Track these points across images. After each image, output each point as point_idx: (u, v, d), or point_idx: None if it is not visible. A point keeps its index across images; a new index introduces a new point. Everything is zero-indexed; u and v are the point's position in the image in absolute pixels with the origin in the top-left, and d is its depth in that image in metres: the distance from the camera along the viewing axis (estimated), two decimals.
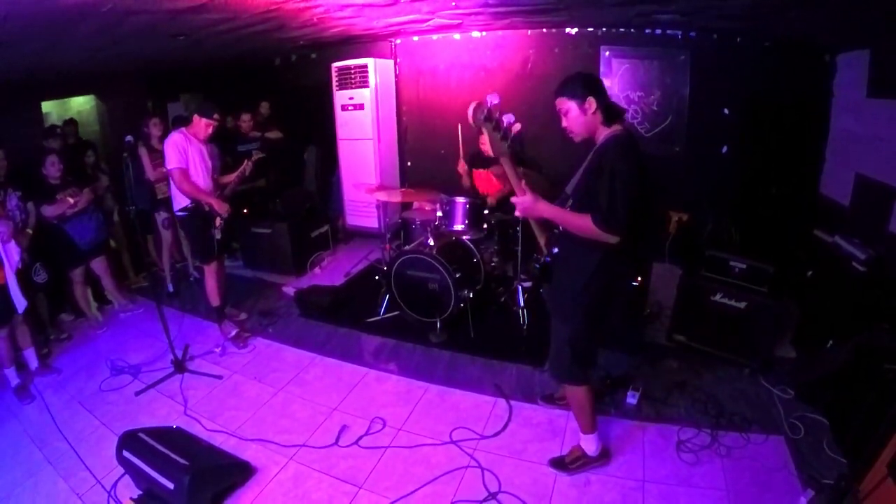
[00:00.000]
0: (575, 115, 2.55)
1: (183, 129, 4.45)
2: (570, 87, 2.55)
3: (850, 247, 4.03)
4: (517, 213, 2.65)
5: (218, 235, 4.60)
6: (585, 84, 2.53)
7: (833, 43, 4.92)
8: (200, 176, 4.47)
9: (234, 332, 4.69)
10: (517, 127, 2.73)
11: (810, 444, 3.21)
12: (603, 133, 2.56)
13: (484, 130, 2.46)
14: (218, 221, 4.55)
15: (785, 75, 5.19)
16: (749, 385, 3.81)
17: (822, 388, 3.47)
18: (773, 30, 4.88)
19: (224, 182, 4.77)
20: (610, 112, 2.56)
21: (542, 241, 2.86)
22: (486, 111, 2.40)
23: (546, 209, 2.57)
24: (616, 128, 2.56)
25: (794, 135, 5.29)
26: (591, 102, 2.50)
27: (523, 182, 2.58)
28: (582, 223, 2.46)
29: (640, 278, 4.24)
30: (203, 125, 4.39)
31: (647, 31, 5.47)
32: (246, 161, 4.67)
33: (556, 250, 2.75)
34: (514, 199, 2.60)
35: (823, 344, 3.76)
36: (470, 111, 2.43)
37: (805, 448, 3.18)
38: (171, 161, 4.25)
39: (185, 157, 4.33)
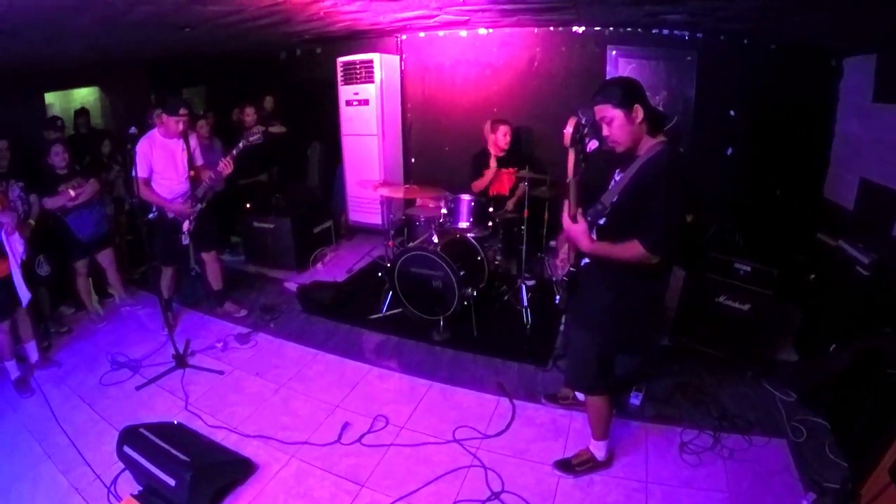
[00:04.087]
0: (620, 124, 2.39)
1: (155, 129, 4.41)
2: (614, 92, 2.40)
3: (854, 251, 4.02)
4: (565, 234, 2.56)
5: (185, 241, 4.55)
6: (630, 90, 2.40)
7: (840, 47, 4.91)
8: (173, 177, 4.44)
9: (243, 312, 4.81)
10: (593, 145, 2.63)
11: (812, 447, 3.21)
12: (647, 144, 2.43)
13: (571, 152, 2.39)
14: (185, 226, 4.50)
15: (791, 78, 5.18)
16: (751, 388, 3.81)
17: (825, 392, 3.47)
18: (780, 33, 4.87)
19: (202, 178, 4.60)
20: (655, 120, 2.44)
21: (564, 248, 2.82)
22: (582, 131, 2.36)
23: (590, 245, 2.48)
24: (660, 139, 2.44)
25: (800, 138, 5.28)
26: (639, 111, 2.36)
27: (580, 210, 2.50)
28: (629, 252, 2.37)
29: None
30: (173, 123, 4.32)
31: (655, 31, 5.45)
32: (223, 160, 4.49)
33: (585, 262, 2.68)
34: (567, 223, 2.51)
35: (825, 348, 3.75)
36: (568, 130, 2.40)
37: (807, 451, 3.18)
38: (135, 169, 4.15)
39: (149, 164, 4.29)
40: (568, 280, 2.73)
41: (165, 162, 4.39)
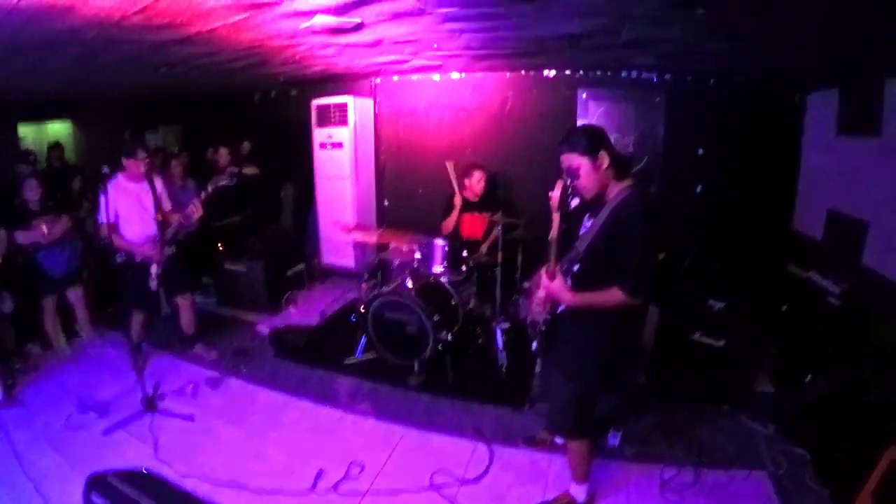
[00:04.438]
0: (587, 172, 2.44)
1: (120, 174, 4.37)
2: (579, 141, 2.45)
3: (824, 281, 4.10)
4: (541, 292, 2.58)
5: (154, 286, 4.44)
6: (594, 138, 2.45)
7: (803, 83, 5.09)
8: (139, 221, 4.39)
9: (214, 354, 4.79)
10: (575, 202, 2.70)
11: (793, 477, 3.22)
12: (615, 189, 2.48)
13: (555, 215, 2.42)
14: (153, 269, 4.39)
15: (757, 115, 5.33)
16: (729, 421, 3.82)
17: (803, 422, 3.52)
18: (746, 72, 5.04)
19: (170, 222, 4.51)
20: (620, 165, 2.49)
21: (539, 294, 2.81)
22: (567, 192, 2.42)
23: (573, 299, 2.50)
24: (627, 183, 2.49)
25: (767, 172, 5.41)
26: (604, 157, 2.42)
27: (557, 267, 2.53)
28: (611, 298, 2.39)
29: None
30: (133, 166, 4.30)
31: (624, 73, 5.59)
32: (192, 204, 4.38)
33: (561, 308, 2.68)
34: (546, 282, 2.53)
35: (801, 378, 3.80)
36: (556, 193, 2.46)
37: (788, 482, 3.19)
38: (100, 214, 4.13)
39: (115, 209, 4.23)
40: (545, 328, 2.73)
41: (131, 206, 4.34)
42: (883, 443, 2.63)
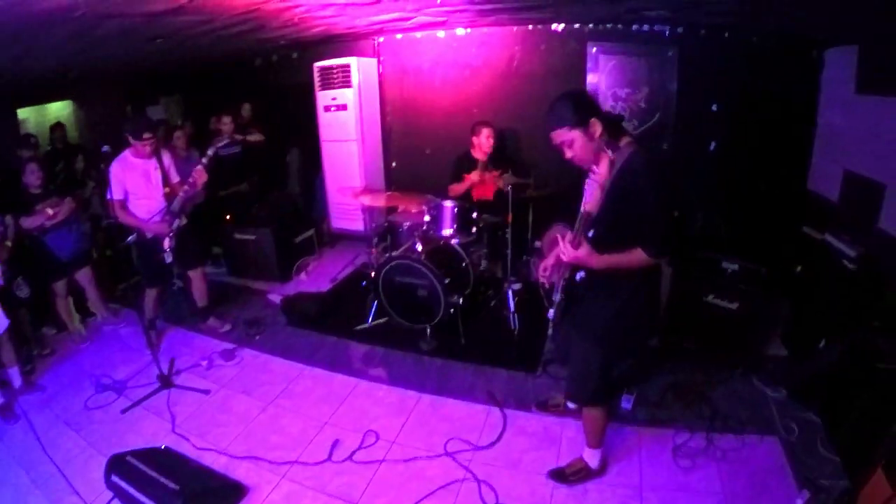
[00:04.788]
0: (582, 144, 2.32)
1: (127, 151, 4.30)
2: (565, 113, 2.32)
3: (840, 244, 4.02)
4: (566, 259, 2.44)
5: (168, 259, 4.42)
6: (580, 105, 2.32)
7: (821, 38, 4.89)
8: (148, 198, 4.36)
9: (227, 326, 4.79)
10: None
11: (804, 443, 3.21)
12: (614, 150, 2.35)
13: (598, 191, 2.32)
14: (166, 244, 4.38)
15: (772, 71, 5.16)
16: (742, 385, 3.81)
17: (815, 388, 3.48)
18: (761, 25, 4.85)
19: (176, 192, 4.47)
20: (612, 126, 2.37)
21: (551, 258, 2.77)
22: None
23: (599, 262, 2.39)
24: (626, 141, 2.39)
25: (782, 130, 5.26)
26: (595, 124, 2.29)
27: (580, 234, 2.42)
28: (635, 259, 2.33)
29: None
30: (139, 147, 4.23)
31: (635, 27, 5.40)
32: (195, 170, 4.35)
33: (580, 275, 2.61)
34: (568, 249, 2.38)
35: (814, 342, 3.77)
36: (604, 169, 2.32)
37: (799, 448, 3.18)
38: (109, 191, 4.12)
39: (123, 186, 4.21)
40: (565, 295, 2.67)
41: (139, 182, 4.30)
42: (894, 413, 2.61)
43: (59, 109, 7.45)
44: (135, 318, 4.96)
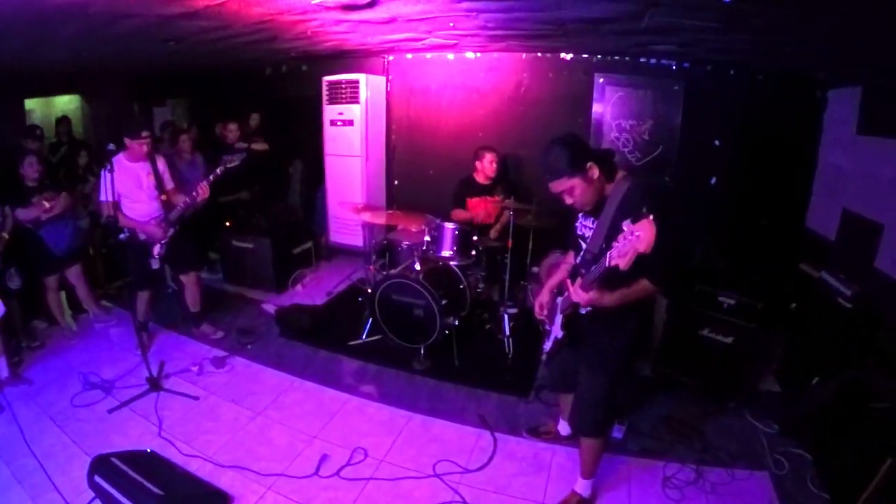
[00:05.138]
0: (582, 190, 2.34)
1: (121, 153, 4.28)
2: (563, 163, 2.32)
3: (836, 282, 4.04)
4: (578, 302, 2.42)
5: (155, 265, 4.44)
6: (575, 151, 2.33)
7: (825, 78, 4.98)
8: (140, 201, 4.35)
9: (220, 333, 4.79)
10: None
11: (794, 479, 3.21)
12: (609, 187, 2.40)
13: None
14: (156, 250, 4.39)
15: (776, 108, 5.24)
16: (734, 419, 3.81)
17: (807, 424, 3.48)
18: (767, 63, 4.93)
19: (174, 202, 4.49)
20: (606, 163, 2.39)
21: (545, 292, 2.83)
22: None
23: (610, 299, 2.36)
24: (621, 175, 2.42)
25: (784, 167, 5.33)
26: (593, 169, 2.31)
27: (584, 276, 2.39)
28: (642, 290, 2.34)
29: None
30: (136, 147, 4.23)
31: (642, 59, 5.50)
32: (199, 185, 4.34)
33: (586, 309, 2.58)
34: (581, 298, 2.37)
35: (807, 378, 3.77)
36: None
37: (789, 484, 3.18)
38: (100, 193, 4.12)
39: (112, 188, 4.12)
40: (566, 333, 2.68)
41: (130, 186, 4.29)
42: (885, 453, 2.62)
43: (66, 103, 7.49)
44: (127, 317, 4.92)
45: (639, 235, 1.91)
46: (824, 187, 5.09)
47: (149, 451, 3.27)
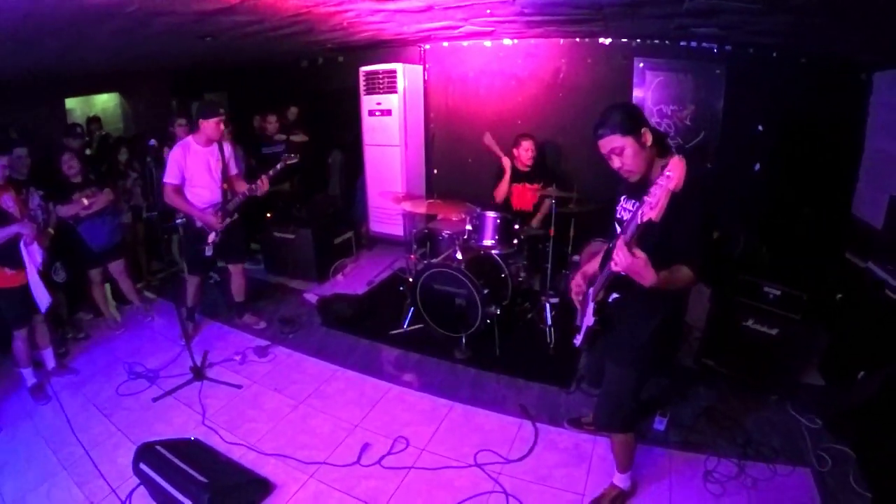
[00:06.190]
0: (634, 152, 2.24)
1: (190, 137, 4.39)
2: (618, 121, 2.23)
3: (883, 273, 3.91)
4: (619, 269, 2.13)
5: (209, 252, 4.52)
6: (633, 114, 2.27)
7: (870, 61, 4.80)
8: (205, 186, 4.43)
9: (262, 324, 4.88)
10: None
11: (837, 477, 3.13)
12: (659, 166, 2.26)
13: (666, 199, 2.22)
14: (211, 237, 4.48)
15: (820, 92, 5.07)
16: (776, 413, 3.72)
17: (852, 421, 3.39)
18: (810, 46, 4.77)
19: (236, 191, 4.58)
20: (661, 142, 2.33)
21: (579, 278, 2.78)
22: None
23: (654, 277, 2.07)
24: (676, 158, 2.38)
25: (828, 153, 5.15)
26: (647, 134, 2.24)
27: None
28: (683, 278, 2.22)
29: None
30: (212, 126, 4.27)
31: (683, 43, 5.37)
32: (260, 178, 4.46)
33: (614, 297, 2.54)
34: (622, 258, 2.06)
35: (852, 373, 3.67)
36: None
37: (831, 481, 3.10)
38: (166, 174, 4.23)
39: (181, 171, 4.28)
40: (598, 320, 2.57)
41: (198, 170, 4.37)
42: None
43: (105, 101, 7.67)
44: (170, 308, 5.05)
45: (669, 175, 1.80)
46: (871, 173, 4.92)
47: (193, 438, 3.38)
